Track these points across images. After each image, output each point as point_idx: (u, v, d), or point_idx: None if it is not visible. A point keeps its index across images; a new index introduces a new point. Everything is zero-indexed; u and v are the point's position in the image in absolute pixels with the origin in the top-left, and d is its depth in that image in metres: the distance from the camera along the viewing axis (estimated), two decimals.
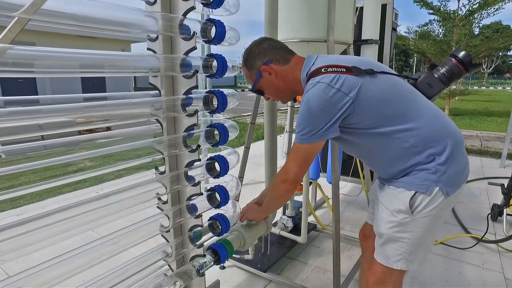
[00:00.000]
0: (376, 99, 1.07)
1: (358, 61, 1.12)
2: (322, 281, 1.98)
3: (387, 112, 1.08)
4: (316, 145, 1.10)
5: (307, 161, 1.15)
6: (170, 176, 1.16)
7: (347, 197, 3.36)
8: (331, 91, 1.03)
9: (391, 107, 1.08)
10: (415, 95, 1.15)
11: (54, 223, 0.86)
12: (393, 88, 1.11)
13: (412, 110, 1.10)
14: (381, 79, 1.10)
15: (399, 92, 1.11)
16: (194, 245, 1.24)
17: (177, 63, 1.08)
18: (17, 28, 0.71)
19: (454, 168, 1.09)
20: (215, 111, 1.19)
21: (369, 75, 1.07)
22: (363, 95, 1.05)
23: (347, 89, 1.03)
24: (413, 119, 1.09)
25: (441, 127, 1.12)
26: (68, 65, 0.85)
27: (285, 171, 1.18)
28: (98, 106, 0.95)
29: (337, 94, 1.03)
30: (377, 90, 1.07)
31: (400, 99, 1.10)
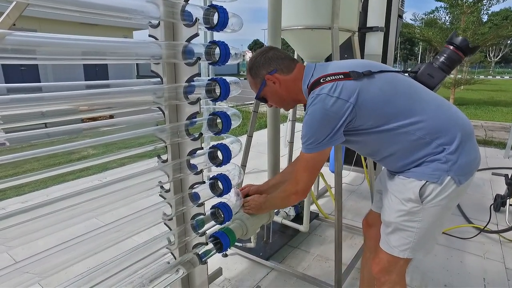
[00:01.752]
0: (376, 100, 1.08)
1: (356, 65, 1.14)
2: (323, 269, 2.00)
3: (389, 111, 1.09)
4: (323, 152, 1.12)
5: (316, 168, 1.18)
6: (173, 165, 1.16)
7: (350, 186, 3.36)
8: (331, 100, 1.05)
9: (392, 105, 1.09)
10: (416, 89, 1.15)
11: (59, 211, 0.87)
12: (392, 86, 1.11)
13: (414, 104, 1.11)
14: (379, 79, 1.11)
15: (399, 88, 1.12)
16: (196, 233, 1.25)
17: (179, 50, 1.07)
18: (15, 13, 0.70)
19: (465, 157, 1.09)
20: (218, 99, 1.17)
21: (367, 77, 1.09)
22: (363, 98, 1.06)
23: (346, 95, 1.05)
24: (416, 113, 1.09)
25: (447, 117, 1.12)
26: (69, 51, 0.83)
27: (296, 182, 1.21)
28: (100, 93, 0.94)
29: (337, 102, 1.05)
30: (376, 90, 1.08)
31: (400, 95, 1.11)
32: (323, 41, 1.76)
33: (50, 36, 0.78)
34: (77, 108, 0.89)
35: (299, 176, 1.20)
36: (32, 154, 0.85)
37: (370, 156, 1.28)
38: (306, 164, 1.17)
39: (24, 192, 3.01)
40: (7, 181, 0.82)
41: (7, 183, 0.82)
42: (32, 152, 0.84)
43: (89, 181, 3.17)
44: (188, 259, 1.22)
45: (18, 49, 0.72)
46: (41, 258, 0.86)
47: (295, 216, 2.37)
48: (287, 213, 2.36)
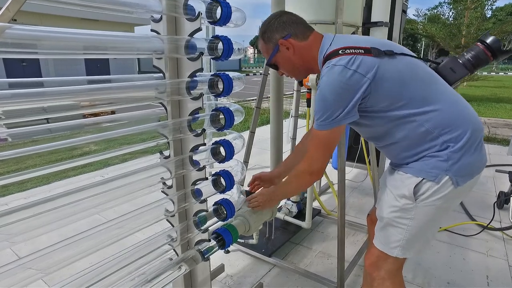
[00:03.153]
0: (393, 81, 1.03)
1: (378, 42, 1.09)
2: (326, 266, 2.00)
3: (404, 94, 1.04)
4: (337, 129, 1.07)
5: (329, 147, 1.11)
6: (175, 161, 1.15)
7: (352, 183, 3.35)
8: (348, 73, 1.00)
9: (408, 89, 1.04)
10: (434, 79, 1.11)
11: (61, 207, 0.86)
12: (411, 70, 1.07)
13: (430, 93, 1.06)
14: (399, 61, 1.06)
15: (418, 74, 1.07)
16: (199, 229, 1.24)
17: (182, 45, 1.05)
18: (15, 6, 0.68)
19: (468, 157, 1.05)
20: (221, 95, 1.16)
21: (388, 56, 1.04)
22: (381, 76, 1.01)
23: (364, 70, 1.00)
24: (430, 103, 1.05)
25: (460, 114, 1.08)
26: (70, 45, 0.82)
27: (309, 161, 1.15)
28: (102, 88, 0.93)
29: (354, 75, 1.00)
30: (395, 71, 1.04)
31: (418, 81, 1.06)
32: None
33: (51, 30, 0.77)
34: (78, 104, 0.88)
35: (312, 154, 1.14)
36: (34, 150, 0.84)
37: (374, 141, 1.25)
38: (319, 142, 1.11)
39: (26, 188, 3.02)
40: (10, 176, 0.82)
41: (10, 179, 0.81)
42: (34, 148, 0.84)
43: (91, 177, 3.17)
44: (191, 256, 1.21)
45: (18, 43, 0.71)
46: (44, 254, 0.86)
47: (297, 213, 2.36)
48: (289, 209, 2.36)
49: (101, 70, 15.00)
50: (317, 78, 1.90)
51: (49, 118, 0.86)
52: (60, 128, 0.90)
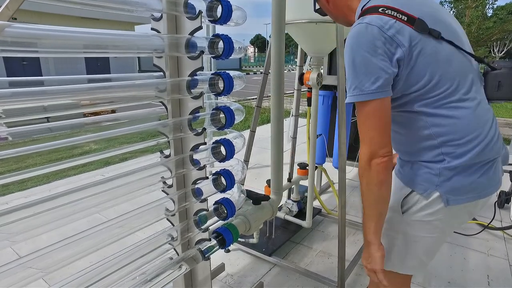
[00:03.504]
0: (423, 66, 0.88)
1: (430, 14, 0.90)
2: (326, 265, 1.99)
3: (426, 86, 0.89)
4: (384, 101, 0.89)
5: (385, 121, 0.91)
6: (175, 160, 1.15)
7: (353, 182, 3.34)
8: (382, 36, 0.85)
9: (434, 84, 0.89)
10: (469, 84, 0.93)
11: (62, 206, 0.86)
12: (450, 65, 0.90)
13: (455, 97, 0.90)
14: (443, 48, 0.89)
15: (454, 73, 0.90)
16: (199, 229, 1.24)
17: (182, 43, 1.05)
18: (15, 5, 0.68)
19: (464, 178, 0.92)
20: (221, 94, 1.16)
21: (433, 37, 0.88)
22: (413, 55, 0.87)
23: (400, 40, 0.85)
24: (449, 107, 0.90)
25: (475, 129, 0.91)
26: (71, 44, 0.82)
27: (364, 149, 0.94)
28: (102, 87, 0.93)
29: (388, 41, 0.85)
30: (430, 56, 0.88)
31: (449, 80, 0.90)
32: (327, 36, 1.74)
33: (51, 28, 0.76)
34: (79, 102, 0.88)
35: (364, 137, 0.93)
36: (34, 149, 0.84)
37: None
38: (368, 119, 0.91)
39: (26, 187, 3.02)
40: (10, 176, 0.82)
41: (10, 178, 0.81)
42: (35, 147, 0.83)
43: (92, 176, 3.17)
44: (191, 255, 1.21)
45: (18, 41, 0.70)
46: (44, 254, 0.86)
47: (298, 212, 2.36)
48: (289, 208, 2.35)
49: (102, 68, 15.00)
50: (318, 76, 1.89)
51: (49, 117, 0.86)
52: (60, 127, 0.89)
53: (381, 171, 0.91)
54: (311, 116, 2.03)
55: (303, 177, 2.29)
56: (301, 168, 2.29)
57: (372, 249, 0.99)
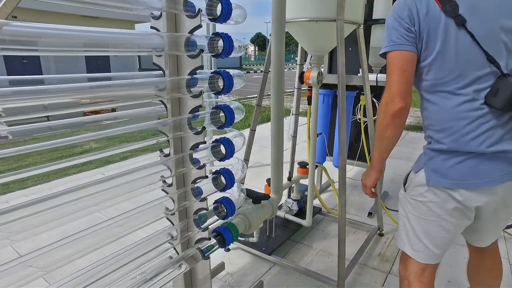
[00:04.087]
0: (432, 49, 1.01)
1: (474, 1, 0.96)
2: (326, 264, 2.00)
3: (427, 67, 1.04)
4: (399, 54, 1.04)
5: (402, 69, 1.04)
6: (175, 159, 1.15)
7: (353, 181, 3.34)
8: (407, 9, 1.02)
9: (435, 67, 1.02)
10: (471, 81, 0.98)
11: (62, 204, 0.86)
12: (456, 56, 0.98)
13: (446, 87, 1.02)
14: (458, 37, 0.97)
15: (457, 65, 0.98)
16: (199, 228, 1.24)
17: (182, 42, 1.04)
18: (13, 3, 0.68)
19: (445, 162, 1.03)
20: (221, 92, 1.15)
21: (456, 23, 0.96)
22: (426, 33, 1.00)
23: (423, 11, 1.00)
24: (438, 94, 1.04)
25: (449, 121, 1.03)
26: (70, 43, 0.81)
27: (384, 92, 1.10)
28: (101, 86, 0.92)
29: (408, 10, 1.02)
30: (440, 40, 0.99)
31: (447, 70, 1.00)
32: (327, 34, 1.73)
33: (50, 26, 0.76)
34: (79, 101, 0.88)
35: (389, 81, 1.07)
36: (34, 148, 0.84)
37: None
38: (389, 66, 1.07)
39: (27, 186, 3.02)
40: (10, 174, 0.82)
41: (10, 176, 0.81)
42: (35, 146, 0.83)
43: (92, 175, 3.17)
44: (191, 254, 1.21)
45: (17, 40, 0.70)
46: (44, 252, 0.86)
47: (298, 211, 2.36)
48: (290, 207, 2.35)
49: (102, 67, 14.99)
50: (318, 74, 1.89)
51: (50, 115, 0.86)
52: (60, 125, 0.89)
53: (389, 116, 1.06)
54: (311, 115, 2.03)
55: (303, 176, 2.29)
56: (301, 167, 2.29)
57: (371, 171, 1.25)
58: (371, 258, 2.07)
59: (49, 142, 0.86)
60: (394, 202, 2.92)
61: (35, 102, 0.79)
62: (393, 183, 3.33)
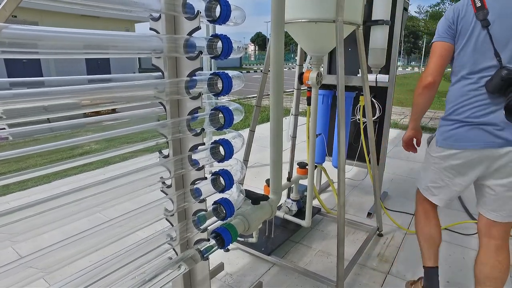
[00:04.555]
0: (460, 43, 1.39)
1: (500, 11, 1.29)
2: (325, 264, 2.00)
3: (455, 55, 1.42)
4: (440, 44, 1.42)
5: (438, 54, 1.42)
6: (174, 160, 1.15)
7: (352, 181, 3.35)
8: (453, 12, 1.40)
9: (458, 56, 1.40)
10: (479, 70, 1.35)
11: (62, 206, 0.87)
12: (474, 50, 1.35)
13: (461, 73, 1.40)
14: (480, 36, 1.32)
15: (472, 57, 1.35)
16: (198, 229, 1.24)
17: (181, 44, 1.04)
18: (12, 5, 0.68)
19: (447, 127, 1.43)
20: (220, 94, 1.16)
21: (481, 25, 1.30)
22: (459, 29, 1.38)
23: (458, 16, 1.37)
24: (455, 78, 1.43)
25: (456, 97, 1.41)
26: (69, 45, 0.82)
27: (424, 70, 1.49)
28: (101, 88, 0.93)
29: (451, 14, 1.40)
30: (467, 40, 1.36)
31: (465, 59, 1.38)
32: (327, 35, 1.73)
33: (49, 29, 0.76)
34: (79, 103, 0.89)
35: (429, 63, 1.45)
36: (35, 150, 0.84)
37: None
38: (431, 51, 1.45)
39: (27, 187, 3.02)
40: (11, 176, 0.82)
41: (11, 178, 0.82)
42: (36, 148, 0.84)
43: (92, 176, 3.17)
44: (190, 255, 1.21)
45: (16, 42, 0.70)
46: (45, 253, 0.86)
47: (297, 211, 2.36)
48: (289, 208, 2.36)
49: (102, 68, 14.97)
50: (317, 75, 1.89)
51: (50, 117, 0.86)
52: (61, 127, 0.90)
53: (421, 87, 1.46)
54: (311, 116, 2.03)
55: (302, 176, 2.29)
56: (301, 168, 2.29)
57: (408, 129, 1.67)
58: (370, 258, 2.08)
59: (50, 144, 0.87)
60: (393, 202, 2.92)
61: (36, 104, 0.80)
62: (393, 183, 3.34)
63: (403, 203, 2.90)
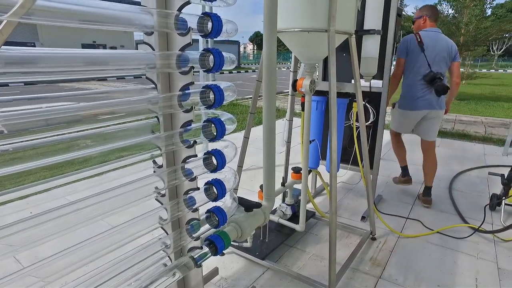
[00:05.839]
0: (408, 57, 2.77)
1: (429, 43, 2.69)
2: (319, 268, 2.03)
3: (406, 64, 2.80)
4: (402, 59, 2.78)
5: (400, 64, 2.79)
6: (168, 172, 1.18)
7: (347, 184, 3.38)
8: (407, 41, 2.75)
9: (408, 65, 2.77)
10: (418, 74, 2.75)
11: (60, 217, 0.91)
12: (415, 63, 2.73)
13: (409, 74, 2.80)
14: (420, 56, 2.70)
15: (414, 67, 2.74)
16: (191, 237, 1.27)
17: (173, 59, 1.07)
18: (8, 30, 0.71)
19: (403, 99, 2.86)
20: (212, 106, 1.19)
21: (420, 50, 2.69)
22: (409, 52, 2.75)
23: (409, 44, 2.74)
24: (406, 75, 2.83)
25: (406, 85, 2.84)
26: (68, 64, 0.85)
27: (393, 72, 2.88)
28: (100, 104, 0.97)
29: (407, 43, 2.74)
30: (412, 56, 2.75)
31: (411, 67, 2.76)
32: (319, 44, 1.76)
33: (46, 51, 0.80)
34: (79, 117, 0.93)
35: (395, 70, 2.85)
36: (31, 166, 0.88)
37: None
38: (396, 63, 2.84)
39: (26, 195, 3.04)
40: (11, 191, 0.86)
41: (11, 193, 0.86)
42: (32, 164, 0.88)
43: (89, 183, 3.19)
44: (184, 263, 1.24)
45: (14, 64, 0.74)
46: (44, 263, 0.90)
47: (292, 215, 2.40)
48: (283, 212, 2.39)
49: None
50: (311, 82, 1.92)
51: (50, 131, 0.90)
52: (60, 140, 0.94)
53: (392, 79, 2.79)
54: (304, 123, 2.06)
55: (297, 181, 2.32)
56: (295, 172, 2.32)
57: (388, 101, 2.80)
58: (362, 262, 2.11)
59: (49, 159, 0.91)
60: (388, 205, 2.96)
61: (37, 118, 0.84)
62: (388, 186, 3.38)
63: (398, 206, 2.94)
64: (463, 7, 10.89)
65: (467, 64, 16.60)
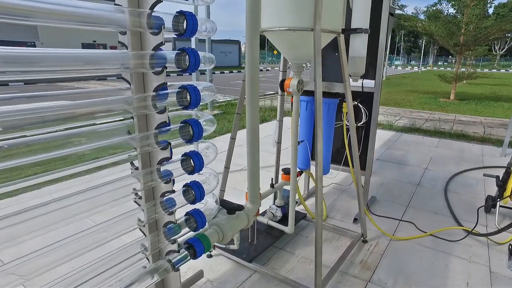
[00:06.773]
0: None
1: None
2: (307, 272, 2.00)
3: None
4: None
5: None
6: (143, 173, 1.16)
7: (340, 186, 3.35)
8: None
9: None
10: None
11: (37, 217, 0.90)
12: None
13: None
14: None
15: None
16: (168, 240, 1.25)
17: (146, 59, 1.05)
18: None
19: None
20: (188, 107, 1.16)
21: None
22: None
23: None
24: None
25: None
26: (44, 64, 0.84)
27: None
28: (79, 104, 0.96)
29: None
30: None
31: None
32: (306, 43, 1.74)
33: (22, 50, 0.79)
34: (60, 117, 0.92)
35: None
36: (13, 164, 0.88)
37: None
38: None
39: (14, 194, 3.03)
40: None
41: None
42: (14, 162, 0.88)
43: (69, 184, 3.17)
44: (163, 267, 1.22)
45: None
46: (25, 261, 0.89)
47: (282, 217, 2.37)
48: (273, 214, 2.36)
49: None
50: (298, 82, 1.89)
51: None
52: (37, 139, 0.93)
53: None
54: (293, 123, 2.03)
55: (286, 182, 2.29)
56: (285, 173, 2.29)
57: None
58: (352, 265, 2.08)
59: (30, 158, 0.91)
60: (381, 207, 2.92)
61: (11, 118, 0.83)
62: (382, 187, 3.34)
63: (391, 208, 2.90)
64: (464, 7, 10.81)
65: (468, 64, 16.50)
